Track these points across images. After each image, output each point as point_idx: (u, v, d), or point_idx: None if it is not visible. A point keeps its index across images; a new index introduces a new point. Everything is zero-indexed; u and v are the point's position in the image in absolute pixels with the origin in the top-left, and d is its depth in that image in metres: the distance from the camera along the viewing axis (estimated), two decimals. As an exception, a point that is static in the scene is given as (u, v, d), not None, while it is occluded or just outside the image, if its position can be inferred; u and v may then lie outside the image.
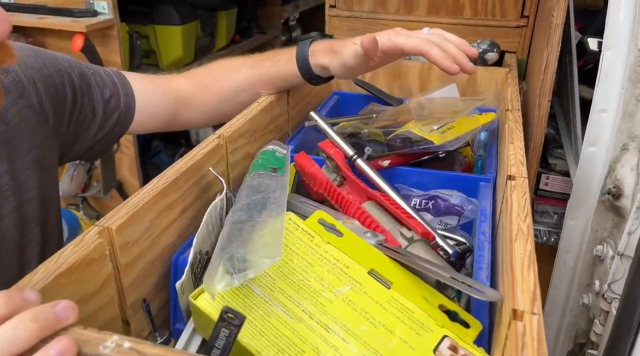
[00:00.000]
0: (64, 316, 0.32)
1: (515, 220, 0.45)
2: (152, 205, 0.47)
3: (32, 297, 0.32)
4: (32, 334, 0.30)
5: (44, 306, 0.32)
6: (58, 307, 0.32)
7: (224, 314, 0.34)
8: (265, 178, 0.56)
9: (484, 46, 0.88)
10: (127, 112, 0.66)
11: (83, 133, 0.63)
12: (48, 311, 0.31)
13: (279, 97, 0.73)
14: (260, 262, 0.39)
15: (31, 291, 0.33)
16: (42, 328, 0.30)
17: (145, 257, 0.47)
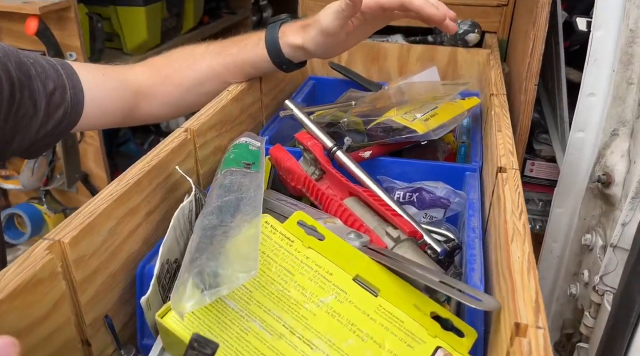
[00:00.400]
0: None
1: (510, 218, 0.42)
2: (112, 212, 0.42)
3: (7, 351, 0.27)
4: None
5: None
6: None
7: (193, 342, 0.30)
8: (238, 175, 0.51)
9: (465, 27, 0.84)
10: (74, 106, 0.60)
11: (23, 129, 0.56)
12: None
13: (250, 84, 0.68)
14: (234, 276, 0.35)
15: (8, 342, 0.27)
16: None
17: (106, 270, 0.42)
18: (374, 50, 0.88)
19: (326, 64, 0.90)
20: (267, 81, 0.74)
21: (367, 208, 0.52)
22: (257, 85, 0.71)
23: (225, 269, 0.36)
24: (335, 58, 0.90)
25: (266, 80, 0.74)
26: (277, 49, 0.63)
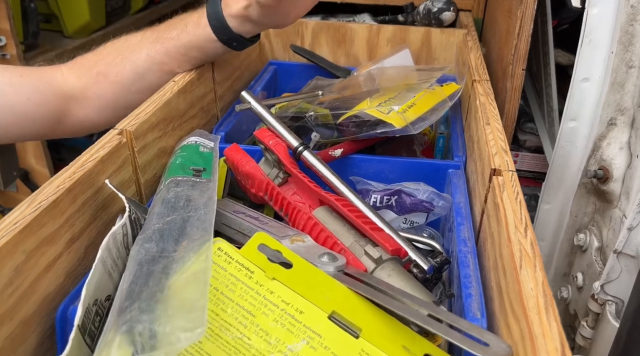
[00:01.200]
0: None
1: (514, 236, 0.35)
2: (17, 246, 0.32)
3: None
4: None
5: None
6: None
7: None
8: (185, 186, 0.43)
9: (439, 4, 0.77)
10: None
11: None
12: None
13: (200, 73, 0.59)
14: (174, 337, 0.27)
15: None
16: None
17: (13, 319, 0.33)
18: (340, 32, 0.80)
19: (288, 48, 0.81)
20: (220, 68, 0.65)
21: (341, 220, 0.44)
22: (209, 74, 0.62)
23: (163, 326, 0.27)
24: (299, 41, 0.81)
25: (219, 67, 0.64)
26: (222, 23, 0.54)
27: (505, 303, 0.33)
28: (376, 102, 0.58)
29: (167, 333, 0.27)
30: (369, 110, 0.56)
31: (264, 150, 0.52)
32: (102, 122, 0.59)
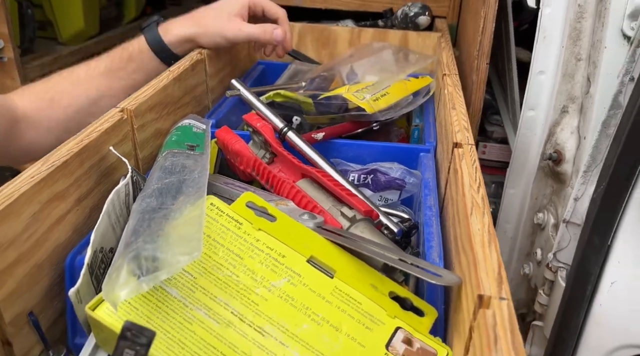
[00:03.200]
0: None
1: (468, 191, 0.40)
2: (34, 196, 0.37)
3: None
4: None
5: None
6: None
7: (125, 332, 0.26)
8: (181, 157, 0.48)
9: (415, 9, 0.83)
10: None
11: None
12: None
13: (194, 65, 0.64)
14: (175, 259, 0.32)
15: None
16: None
17: (29, 261, 0.37)
18: (324, 35, 0.86)
19: (275, 49, 0.87)
20: (212, 63, 0.70)
21: (321, 189, 0.50)
22: (202, 67, 0.67)
23: (165, 252, 0.32)
24: (285, 42, 0.86)
25: (212, 62, 0.70)
26: (163, 47, 0.64)
27: (459, 246, 0.38)
28: (354, 88, 0.63)
29: (167, 258, 0.32)
30: (346, 95, 0.61)
31: (252, 133, 0.57)
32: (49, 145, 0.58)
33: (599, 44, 0.51)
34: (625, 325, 0.45)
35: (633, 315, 0.45)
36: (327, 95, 0.63)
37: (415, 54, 0.77)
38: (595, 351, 0.46)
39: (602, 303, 0.45)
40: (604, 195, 0.42)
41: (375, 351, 0.35)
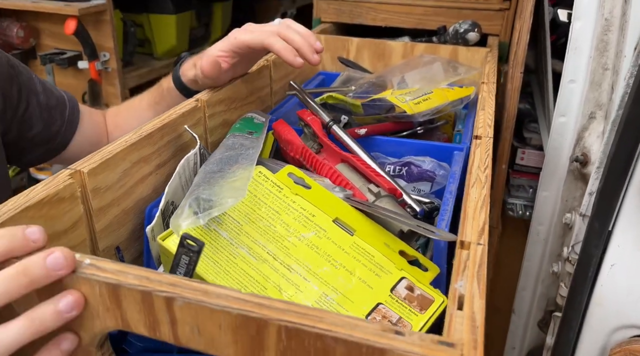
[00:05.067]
0: (56, 268, 0.31)
1: (475, 171, 0.47)
2: (126, 155, 0.48)
3: (35, 236, 0.32)
4: (21, 288, 0.30)
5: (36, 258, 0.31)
6: (49, 259, 0.31)
7: (183, 240, 0.35)
8: (241, 138, 0.58)
9: (465, 26, 0.90)
10: (69, 123, 0.71)
11: (27, 130, 0.67)
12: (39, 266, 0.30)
13: (260, 69, 0.75)
14: (224, 200, 0.41)
15: (35, 229, 0.32)
16: (32, 282, 0.30)
17: (120, 205, 0.48)
18: (380, 48, 0.94)
19: (336, 61, 0.96)
20: (277, 70, 0.81)
21: (355, 172, 0.58)
22: (267, 72, 0.78)
23: (217, 196, 0.42)
24: (345, 55, 0.96)
25: (276, 69, 0.80)
26: (184, 87, 0.70)
27: (461, 215, 0.45)
28: (398, 92, 0.71)
29: (219, 200, 0.41)
30: (389, 97, 0.69)
31: (303, 126, 0.67)
32: None
33: (620, 54, 0.56)
34: (624, 306, 0.48)
35: (631, 296, 0.48)
36: (372, 98, 0.72)
37: (462, 66, 0.84)
38: (597, 331, 0.50)
39: (603, 285, 0.49)
40: (604, 184, 0.46)
41: (381, 292, 0.42)
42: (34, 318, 0.31)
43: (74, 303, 0.31)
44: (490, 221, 0.75)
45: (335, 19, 1.06)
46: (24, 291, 0.31)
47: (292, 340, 0.28)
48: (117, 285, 0.31)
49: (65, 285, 0.31)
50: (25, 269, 0.30)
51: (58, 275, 0.31)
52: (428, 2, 1.03)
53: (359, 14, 1.05)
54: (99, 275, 0.31)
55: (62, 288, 0.31)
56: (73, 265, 0.31)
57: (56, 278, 0.31)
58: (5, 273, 0.30)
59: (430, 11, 1.03)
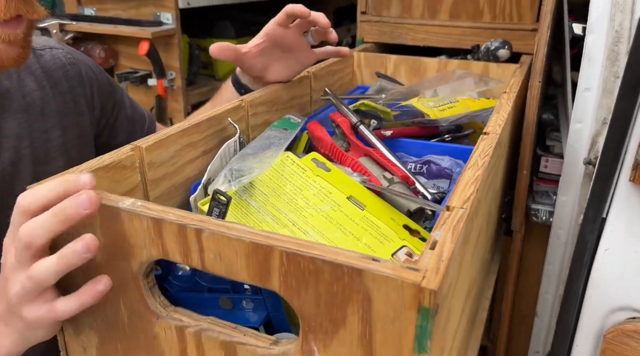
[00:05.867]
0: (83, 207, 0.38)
1: (475, 158, 0.52)
2: (177, 139, 0.58)
3: (85, 180, 0.40)
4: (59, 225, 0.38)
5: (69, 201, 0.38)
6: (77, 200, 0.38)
7: (215, 195, 0.44)
8: (276, 131, 0.66)
9: (496, 44, 0.95)
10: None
11: (112, 138, 0.80)
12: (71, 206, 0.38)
13: (301, 79, 0.84)
14: (252, 170, 0.49)
15: (86, 175, 0.40)
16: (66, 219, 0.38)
17: (170, 180, 0.58)
18: (415, 64, 1.02)
19: (374, 76, 1.04)
20: (317, 81, 0.89)
21: (375, 165, 0.64)
22: (308, 82, 0.87)
23: (247, 167, 0.50)
24: (383, 71, 1.04)
25: (317, 79, 0.89)
26: (240, 84, 0.81)
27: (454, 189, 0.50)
28: (424, 100, 0.78)
29: (247, 170, 0.49)
30: (415, 104, 0.76)
31: (335, 128, 0.74)
32: None
33: (627, 61, 0.60)
34: (618, 289, 0.51)
35: (623, 279, 0.50)
36: (400, 105, 0.78)
37: (492, 80, 0.89)
38: (594, 314, 0.52)
39: (598, 268, 0.52)
40: (597, 173, 0.50)
41: (383, 256, 0.48)
42: (62, 256, 0.39)
43: (87, 246, 0.38)
44: (512, 225, 0.80)
45: (377, 39, 1.15)
46: (61, 227, 0.39)
47: (291, 263, 0.36)
48: (160, 219, 0.39)
49: (122, 220, 0.40)
50: (62, 209, 0.39)
51: (85, 213, 0.38)
52: (465, 24, 1.10)
53: (399, 34, 1.13)
54: (147, 212, 0.40)
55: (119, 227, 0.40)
56: (97, 206, 0.39)
57: (84, 217, 0.39)
58: (47, 213, 0.39)
59: (467, 32, 1.09)
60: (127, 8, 1.55)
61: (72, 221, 0.39)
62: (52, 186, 0.40)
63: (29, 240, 0.39)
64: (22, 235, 0.39)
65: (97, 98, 0.78)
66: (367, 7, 1.14)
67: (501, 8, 1.05)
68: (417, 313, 0.33)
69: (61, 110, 0.72)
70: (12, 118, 0.67)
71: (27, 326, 0.44)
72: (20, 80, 0.69)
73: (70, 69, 0.75)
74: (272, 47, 0.76)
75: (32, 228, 0.39)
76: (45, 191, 0.40)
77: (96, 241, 0.39)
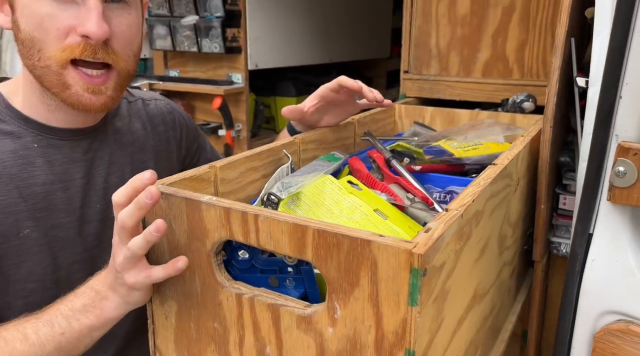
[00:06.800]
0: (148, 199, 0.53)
1: (478, 180, 0.64)
2: (243, 163, 0.74)
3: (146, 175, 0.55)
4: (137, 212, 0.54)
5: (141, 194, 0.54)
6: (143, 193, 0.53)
7: (268, 195, 0.58)
8: (321, 161, 0.81)
9: (522, 97, 1.08)
10: None
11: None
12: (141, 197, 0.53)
13: (346, 124, 1.00)
14: (298, 184, 0.64)
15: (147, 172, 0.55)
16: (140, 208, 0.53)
17: (235, 195, 0.73)
18: (450, 115, 1.15)
19: (412, 124, 1.18)
20: (360, 127, 1.05)
21: (402, 190, 0.77)
22: (352, 127, 1.02)
23: (295, 181, 0.65)
24: (421, 119, 1.18)
25: (360, 126, 1.04)
26: (291, 126, 0.98)
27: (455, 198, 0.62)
28: (450, 141, 0.91)
29: (295, 183, 0.64)
30: (443, 144, 0.89)
31: (372, 163, 0.88)
32: None
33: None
34: (605, 295, 0.58)
35: (609, 285, 0.58)
36: (430, 145, 0.92)
37: (517, 128, 1.01)
38: (587, 318, 0.60)
39: (587, 276, 0.60)
40: (582, 195, 0.60)
41: (399, 254, 0.60)
42: (143, 234, 0.55)
43: (157, 227, 0.53)
44: (534, 256, 0.89)
45: (417, 94, 1.30)
46: (140, 212, 0.55)
47: (320, 238, 0.49)
48: (228, 208, 0.54)
49: (201, 210, 0.55)
50: (137, 201, 0.55)
51: (150, 202, 0.54)
52: (498, 81, 1.23)
53: (437, 90, 1.27)
54: (220, 203, 0.55)
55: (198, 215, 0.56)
56: (157, 197, 0.54)
57: (151, 206, 0.54)
58: (130, 204, 0.55)
59: (499, 88, 1.22)
60: (205, 70, 1.80)
61: (145, 208, 0.55)
62: (126, 185, 0.57)
63: (122, 223, 0.55)
64: (118, 220, 0.56)
65: (185, 141, 0.98)
66: (409, 66, 1.31)
67: (529, 67, 1.17)
68: (410, 273, 0.45)
69: (156, 147, 0.92)
70: (121, 150, 0.86)
71: (128, 291, 0.59)
72: (130, 122, 0.89)
73: (167, 116, 0.96)
74: (325, 105, 0.93)
75: (123, 214, 0.55)
76: (123, 189, 0.56)
77: (164, 224, 0.54)
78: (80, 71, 0.71)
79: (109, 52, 0.72)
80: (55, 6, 0.68)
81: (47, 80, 0.72)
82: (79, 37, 0.69)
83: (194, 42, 1.71)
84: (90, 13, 0.68)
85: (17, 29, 0.71)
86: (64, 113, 0.78)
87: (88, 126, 0.82)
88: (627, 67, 0.55)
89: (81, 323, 0.63)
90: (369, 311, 0.48)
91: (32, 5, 0.68)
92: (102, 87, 0.73)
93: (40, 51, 0.70)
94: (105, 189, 0.82)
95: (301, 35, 1.95)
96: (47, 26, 0.68)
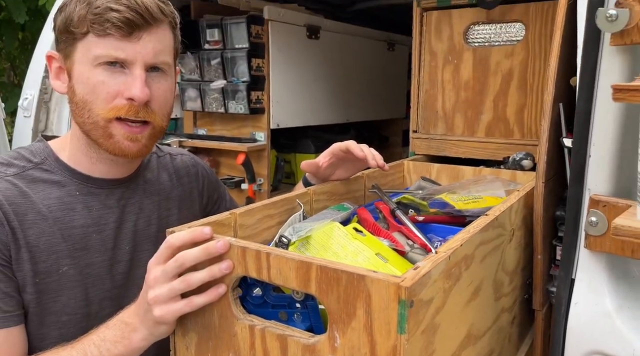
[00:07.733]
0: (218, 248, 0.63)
1: (469, 228, 0.72)
2: (260, 210, 0.83)
3: (207, 230, 0.65)
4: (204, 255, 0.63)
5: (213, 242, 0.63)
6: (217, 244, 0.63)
7: (280, 238, 0.66)
8: (331, 210, 0.90)
9: (521, 155, 1.16)
10: None
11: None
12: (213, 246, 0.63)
13: (357, 178, 1.09)
14: (305, 230, 0.72)
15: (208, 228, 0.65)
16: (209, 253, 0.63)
17: (253, 239, 0.81)
18: (454, 171, 1.23)
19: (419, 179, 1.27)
20: (370, 180, 1.14)
21: (404, 238, 0.85)
22: (362, 181, 1.11)
23: (305, 227, 0.73)
24: (427, 174, 1.27)
25: (369, 180, 1.13)
26: (305, 179, 1.08)
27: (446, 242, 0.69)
28: (452, 195, 0.98)
29: (304, 228, 0.72)
30: (444, 197, 0.97)
31: (379, 213, 0.96)
32: None
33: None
34: (587, 334, 0.63)
35: (590, 327, 0.63)
36: (433, 198, 1.00)
37: (516, 183, 1.09)
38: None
39: (572, 319, 0.65)
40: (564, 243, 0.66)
41: (396, 293, 0.67)
42: (211, 269, 0.63)
43: (228, 266, 0.63)
44: (533, 304, 0.95)
45: (425, 152, 1.39)
46: (204, 257, 0.64)
47: (322, 274, 0.57)
48: (245, 248, 0.62)
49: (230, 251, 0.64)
50: (206, 247, 0.64)
51: (220, 251, 0.63)
52: (500, 140, 1.32)
53: (444, 148, 1.37)
54: (238, 244, 0.63)
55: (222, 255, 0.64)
56: (226, 249, 0.64)
57: (219, 253, 0.63)
58: (198, 248, 0.64)
59: (501, 147, 1.31)
60: (230, 129, 1.94)
61: (211, 255, 0.64)
62: (187, 232, 0.66)
63: (183, 261, 0.64)
64: (178, 257, 0.64)
65: (206, 190, 1.08)
66: (418, 126, 1.41)
67: (528, 128, 1.26)
68: (398, 304, 0.52)
69: (181, 196, 1.02)
70: (149, 199, 0.96)
71: (155, 323, 0.67)
72: (159, 174, 1.00)
73: (192, 169, 1.06)
74: (336, 161, 1.03)
75: (187, 254, 0.64)
76: (182, 236, 0.65)
77: (232, 264, 0.63)
78: (124, 124, 0.83)
79: (148, 112, 0.84)
80: (107, 75, 0.81)
81: (93, 133, 0.84)
82: (124, 100, 0.81)
83: (222, 103, 1.86)
84: (135, 81, 0.80)
85: (72, 93, 0.84)
86: (103, 165, 0.89)
87: (123, 177, 0.93)
88: (593, 130, 0.63)
89: (111, 352, 0.70)
90: (364, 339, 0.55)
91: (89, 73, 0.81)
92: (139, 135, 0.85)
93: (90, 110, 0.82)
94: (134, 232, 0.92)
95: (320, 98, 2.08)
96: (99, 91, 0.81)
